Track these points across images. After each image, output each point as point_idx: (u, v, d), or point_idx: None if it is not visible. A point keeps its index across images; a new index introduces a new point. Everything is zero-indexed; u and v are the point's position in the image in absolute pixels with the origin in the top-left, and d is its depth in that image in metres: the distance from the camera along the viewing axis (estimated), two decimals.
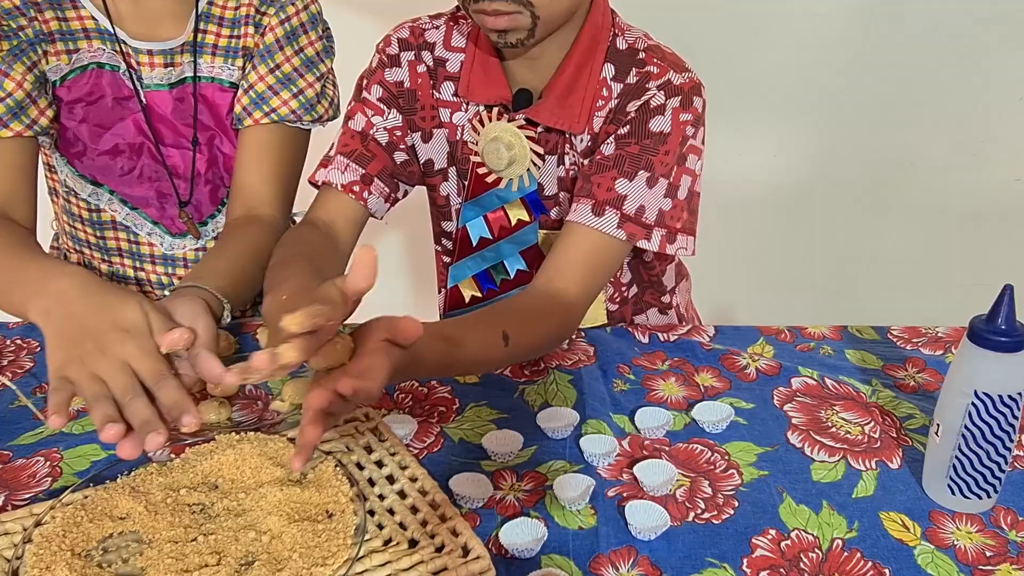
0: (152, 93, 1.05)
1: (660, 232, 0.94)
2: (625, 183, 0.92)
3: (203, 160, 1.10)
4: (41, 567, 0.66)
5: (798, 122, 2.01)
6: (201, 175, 1.11)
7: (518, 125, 0.97)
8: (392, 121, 1.01)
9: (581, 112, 0.95)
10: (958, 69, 1.93)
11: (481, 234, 1.03)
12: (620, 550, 0.73)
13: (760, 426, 0.90)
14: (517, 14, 0.85)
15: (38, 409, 0.92)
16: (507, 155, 0.97)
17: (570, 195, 1.01)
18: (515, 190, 1.00)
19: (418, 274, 2.26)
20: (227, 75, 1.08)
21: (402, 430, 0.87)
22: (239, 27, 1.06)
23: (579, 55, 0.94)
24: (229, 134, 1.11)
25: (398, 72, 1.01)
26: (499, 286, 1.07)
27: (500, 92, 0.97)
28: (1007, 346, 0.71)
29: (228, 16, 1.06)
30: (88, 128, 1.04)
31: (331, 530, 0.70)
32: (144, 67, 1.04)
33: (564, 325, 0.90)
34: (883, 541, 0.74)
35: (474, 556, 0.69)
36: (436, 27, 1.02)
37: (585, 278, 0.92)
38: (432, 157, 1.05)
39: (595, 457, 0.84)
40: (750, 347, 1.05)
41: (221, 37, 1.06)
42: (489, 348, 0.81)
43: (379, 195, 1.01)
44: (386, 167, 1.01)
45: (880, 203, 2.08)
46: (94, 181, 1.08)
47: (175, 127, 1.08)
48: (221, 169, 1.13)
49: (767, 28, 1.92)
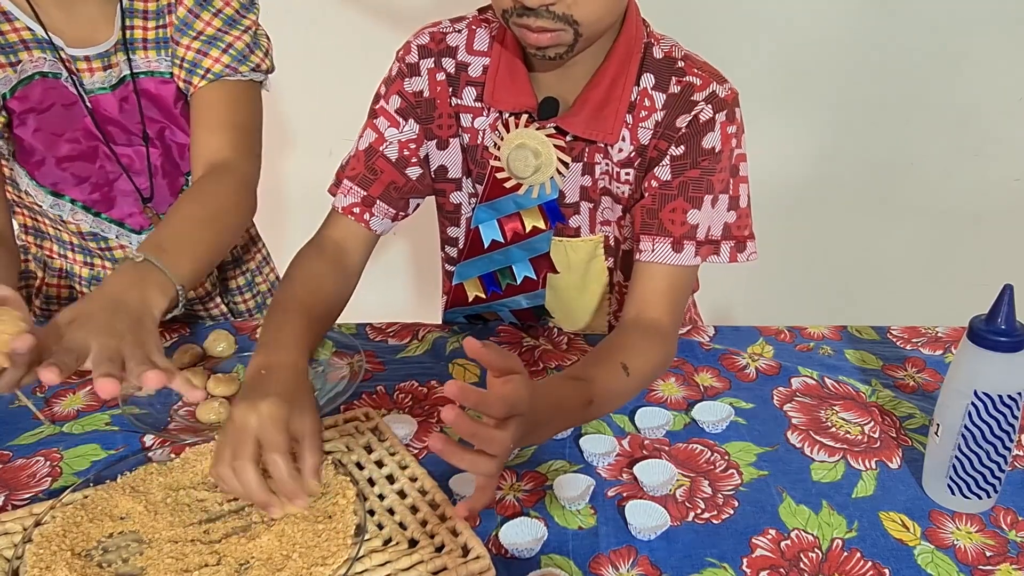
0: (96, 97, 1.05)
1: (728, 244, 0.95)
2: (695, 213, 0.92)
3: (157, 154, 1.10)
4: (41, 567, 0.66)
5: (798, 122, 2.01)
6: (158, 168, 1.11)
7: (547, 133, 0.95)
8: (407, 133, 1.00)
9: (615, 123, 0.94)
10: (958, 69, 1.93)
11: (493, 237, 1.03)
12: (620, 550, 0.73)
13: (760, 426, 0.90)
14: (561, 31, 0.83)
15: (38, 409, 0.92)
16: (534, 162, 0.95)
17: (591, 204, 1.00)
18: (535, 196, 0.99)
19: (422, 276, 2.26)
20: (165, 67, 1.07)
21: (402, 430, 0.87)
22: (163, 17, 1.06)
23: (615, 66, 0.93)
24: (179, 123, 1.10)
25: (418, 81, 0.99)
26: (504, 290, 1.07)
27: (526, 100, 0.95)
28: (1007, 346, 0.71)
29: (151, 8, 1.05)
30: (43, 136, 1.04)
31: (331, 530, 0.70)
32: (84, 73, 1.03)
33: (667, 351, 0.92)
34: (883, 541, 0.74)
35: (474, 556, 0.69)
36: (458, 31, 0.99)
37: (672, 304, 0.93)
38: (446, 164, 1.03)
39: (595, 457, 0.84)
40: (750, 347, 1.05)
41: (148, 30, 1.05)
42: (615, 381, 0.83)
43: (383, 216, 1.00)
44: (393, 184, 1.00)
45: (880, 203, 2.08)
46: (55, 192, 1.08)
47: (124, 126, 1.07)
48: (176, 159, 1.12)
49: (766, 28, 1.92)
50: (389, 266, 2.17)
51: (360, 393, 0.95)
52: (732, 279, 1.88)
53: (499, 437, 0.63)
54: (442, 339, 1.07)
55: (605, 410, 0.86)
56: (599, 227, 1.03)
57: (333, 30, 1.93)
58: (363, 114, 1.03)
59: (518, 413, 0.64)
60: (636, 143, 0.95)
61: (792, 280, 2.11)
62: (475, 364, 1.01)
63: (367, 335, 1.09)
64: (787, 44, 1.93)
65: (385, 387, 0.96)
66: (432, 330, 1.10)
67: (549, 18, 0.82)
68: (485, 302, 1.09)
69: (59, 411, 0.93)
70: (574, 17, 0.82)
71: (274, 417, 0.70)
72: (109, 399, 0.76)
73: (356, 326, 1.10)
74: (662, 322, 0.92)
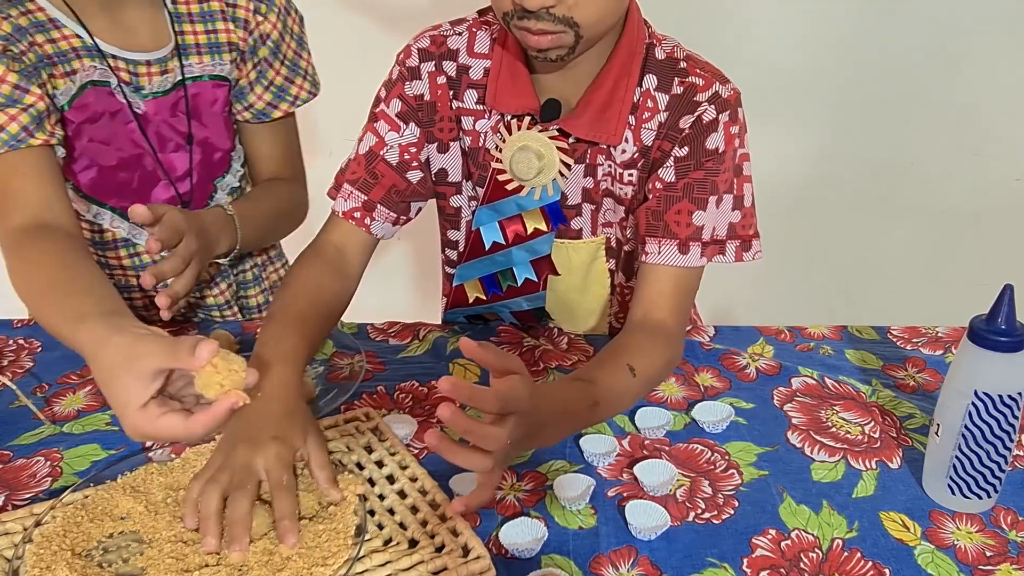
0: (148, 102, 1.06)
1: (734, 244, 0.95)
2: (701, 214, 0.92)
3: (198, 158, 1.12)
4: (41, 567, 0.66)
5: (798, 122, 2.01)
6: (196, 172, 1.12)
7: (550, 135, 0.95)
8: (408, 137, 0.99)
9: (618, 125, 0.94)
10: (958, 69, 1.93)
11: (494, 239, 1.02)
12: (620, 550, 0.73)
13: (760, 426, 0.90)
14: (561, 34, 0.83)
15: (38, 409, 0.92)
16: (537, 164, 0.95)
17: (593, 206, 1.00)
18: (537, 199, 0.99)
19: (423, 278, 2.26)
20: (218, 70, 1.10)
21: (402, 430, 0.87)
22: (212, 22, 1.09)
23: (618, 67, 0.93)
24: (222, 127, 1.13)
25: (418, 85, 0.99)
26: (504, 292, 1.06)
27: (528, 102, 0.95)
28: (1007, 346, 0.71)
29: (195, 11, 1.08)
30: (94, 146, 1.04)
31: (331, 530, 0.70)
32: (143, 78, 1.05)
33: (674, 352, 0.93)
34: (883, 541, 0.74)
35: (474, 556, 0.69)
36: (458, 33, 0.99)
37: (678, 306, 0.94)
38: (446, 167, 1.03)
39: (595, 457, 0.84)
40: (750, 347, 1.05)
41: (198, 35, 1.08)
42: (621, 382, 0.83)
43: (384, 220, 1.00)
44: (394, 188, 0.99)
45: (880, 203, 2.08)
46: (98, 201, 1.08)
47: (171, 130, 1.09)
48: (213, 163, 1.15)
49: (766, 28, 1.92)
50: (390, 269, 2.16)
51: (360, 393, 0.95)
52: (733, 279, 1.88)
53: (494, 433, 0.62)
54: (443, 339, 1.07)
55: (612, 412, 0.86)
56: (601, 229, 1.03)
57: (332, 30, 1.93)
58: (362, 114, 1.02)
59: (515, 410, 0.64)
60: (639, 144, 0.95)
61: (792, 280, 2.11)
62: (476, 364, 1.01)
63: (368, 335, 1.09)
64: (787, 44, 1.93)
65: (386, 387, 0.96)
66: (433, 330, 1.09)
67: (549, 20, 0.81)
68: (485, 303, 1.09)
69: (59, 411, 0.93)
70: (574, 19, 0.81)
71: (281, 457, 0.73)
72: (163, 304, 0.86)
73: (357, 326, 1.10)
74: (668, 323, 0.92)
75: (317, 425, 0.80)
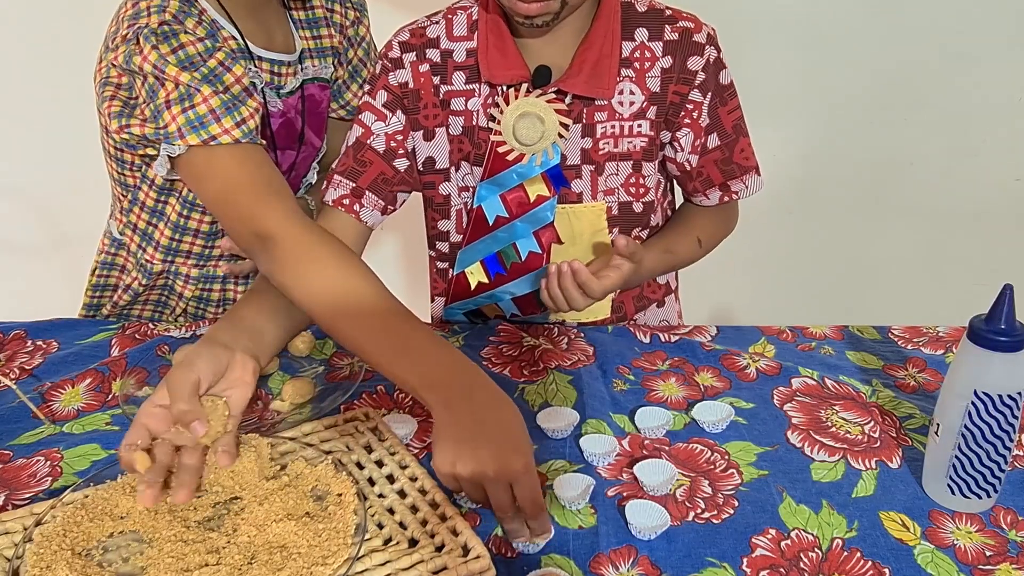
0: (285, 100, 1.12)
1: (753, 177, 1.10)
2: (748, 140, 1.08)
3: (300, 156, 1.17)
4: (42, 566, 0.66)
5: (798, 122, 2.01)
6: (296, 170, 1.18)
7: (547, 99, 0.99)
8: (394, 126, 1.03)
9: (610, 80, 1.00)
10: (958, 69, 1.92)
11: (497, 213, 1.05)
12: (620, 550, 0.73)
13: (760, 426, 0.90)
14: (549, 0, 0.89)
15: (36, 406, 0.92)
16: (541, 128, 0.99)
17: (592, 167, 1.04)
18: (538, 164, 1.02)
19: (412, 276, 2.25)
20: (324, 73, 1.17)
21: (402, 430, 0.87)
22: (317, 28, 1.16)
23: (603, 26, 0.99)
24: (320, 125, 1.20)
25: (402, 74, 1.03)
26: (508, 270, 1.08)
27: (520, 72, 0.99)
28: (1007, 346, 0.71)
29: (302, 17, 1.14)
30: None
31: (331, 529, 0.70)
32: (286, 78, 1.11)
33: (732, 226, 1.16)
34: (883, 541, 0.74)
35: (474, 555, 0.69)
36: (435, 22, 1.04)
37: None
38: (433, 155, 1.06)
39: (595, 457, 0.84)
40: (751, 347, 1.05)
41: (307, 40, 1.15)
42: (691, 252, 1.11)
43: (372, 207, 1.04)
44: (382, 175, 1.03)
45: (880, 203, 2.08)
46: None
47: (290, 129, 1.13)
48: (308, 159, 1.20)
49: (766, 28, 1.92)
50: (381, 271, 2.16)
51: (360, 393, 0.95)
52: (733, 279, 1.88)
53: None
54: (443, 338, 1.06)
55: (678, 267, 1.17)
56: (601, 195, 1.05)
57: None
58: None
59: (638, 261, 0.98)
60: (647, 92, 1.01)
61: (792, 280, 2.11)
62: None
63: None
64: (787, 44, 1.93)
65: (385, 387, 0.96)
66: (433, 329, 1.09)
67: None
68: (488, 288, 1.09)
69: (59, 411, 0.93)
70: None
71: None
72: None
73: None
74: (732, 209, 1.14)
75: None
